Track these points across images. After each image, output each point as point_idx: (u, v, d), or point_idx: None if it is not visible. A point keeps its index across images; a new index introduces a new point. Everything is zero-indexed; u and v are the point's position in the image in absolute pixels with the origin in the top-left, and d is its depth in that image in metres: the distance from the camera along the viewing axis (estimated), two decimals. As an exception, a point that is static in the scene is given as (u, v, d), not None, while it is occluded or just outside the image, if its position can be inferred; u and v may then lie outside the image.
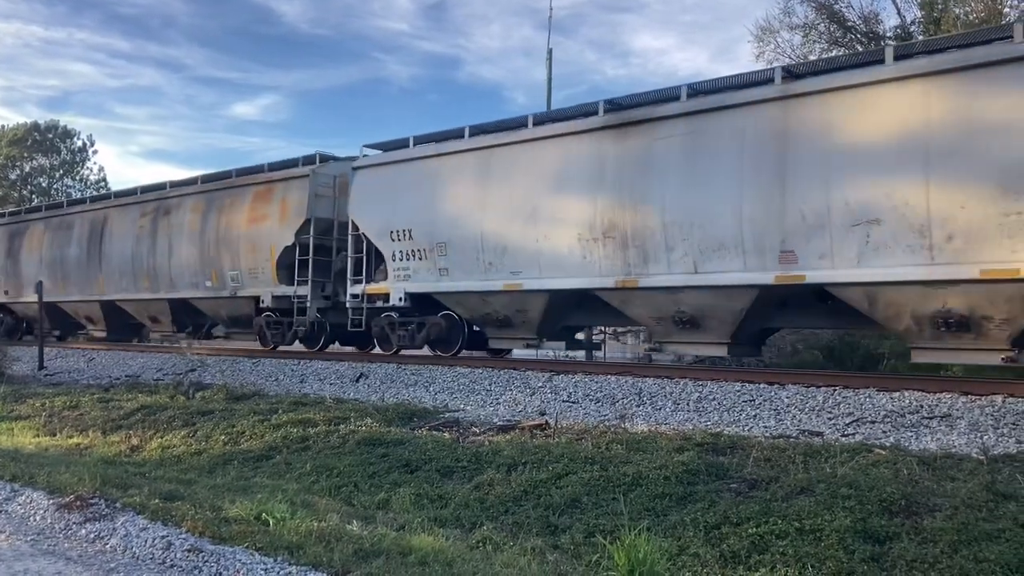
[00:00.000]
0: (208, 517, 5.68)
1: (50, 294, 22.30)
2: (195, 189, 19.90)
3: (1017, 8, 21.25)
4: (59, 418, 11.97)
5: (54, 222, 24.41)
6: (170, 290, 20.00)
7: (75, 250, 23.03)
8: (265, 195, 17.83)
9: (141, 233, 20.80)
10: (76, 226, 23.25)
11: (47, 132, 50.48)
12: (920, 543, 4.91)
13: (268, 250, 17.43)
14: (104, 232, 22.14)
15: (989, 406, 8.36)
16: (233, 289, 18.31)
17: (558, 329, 14.00)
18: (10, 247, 25.73)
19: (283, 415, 10.22)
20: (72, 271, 23.06)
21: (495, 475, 7.05)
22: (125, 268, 21.25)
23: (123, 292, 21.36)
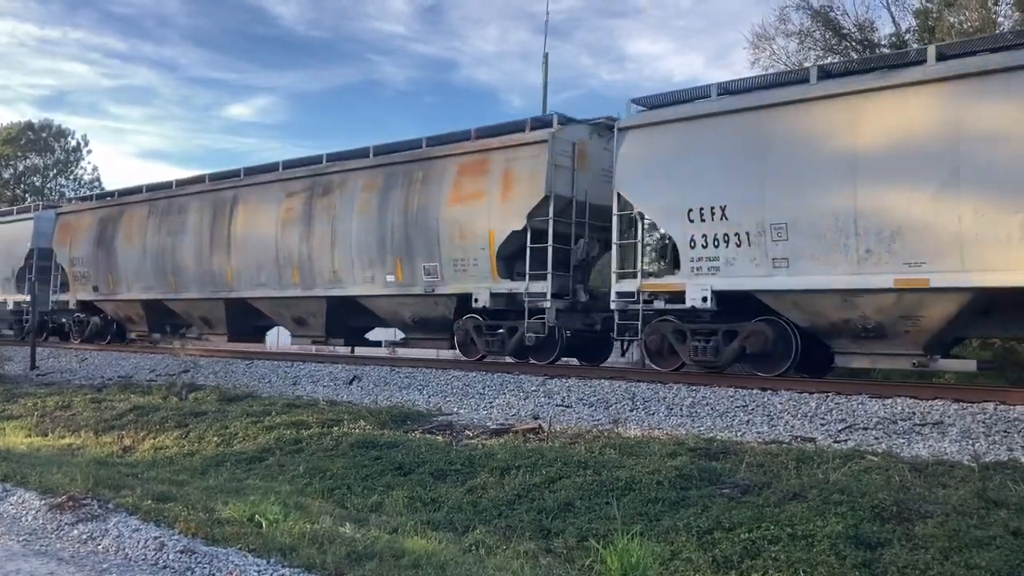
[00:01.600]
0: (201, 518, 5.67)
1: (153, 290, 20.17)
2: (367, 163, 16.14)
3: (1010, 17, 21.36)
4: (51, 418, 11.94)
5: (161, 205, 20.41)
6: (330, 286, 16.26)
7: (192, 238, 19.15)
8: (477, 168, 14.21)
9: (288, 217, 16.98)
10: (192, 209, 19.35)
11: (41, 131, 50.31)
12: (911, 549, 4.93)
13: (485, 237, 13.89)
14: (233, 216, 18.29)
15: (981, 413, 8.40)
16: (428, 285, 14.69)
17: (948, 341, 10.97)
18: (101, 235, 21.88)
19: (276, 417, 10.21)
20: (187, 263, 19.29)
21: (488, 478, 7.05)
22: (264, 259, 17.41)
23: (259, 288, 17.60)
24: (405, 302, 15.37)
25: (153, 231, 20.33)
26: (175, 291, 19.73)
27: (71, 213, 23.96)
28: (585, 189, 13.56)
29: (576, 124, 13.93)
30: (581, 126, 13.93)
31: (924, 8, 23.14)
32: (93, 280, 22.18)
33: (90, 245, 22.22)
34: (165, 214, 20.16)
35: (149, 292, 20.22)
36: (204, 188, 19.51)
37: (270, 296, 17.56)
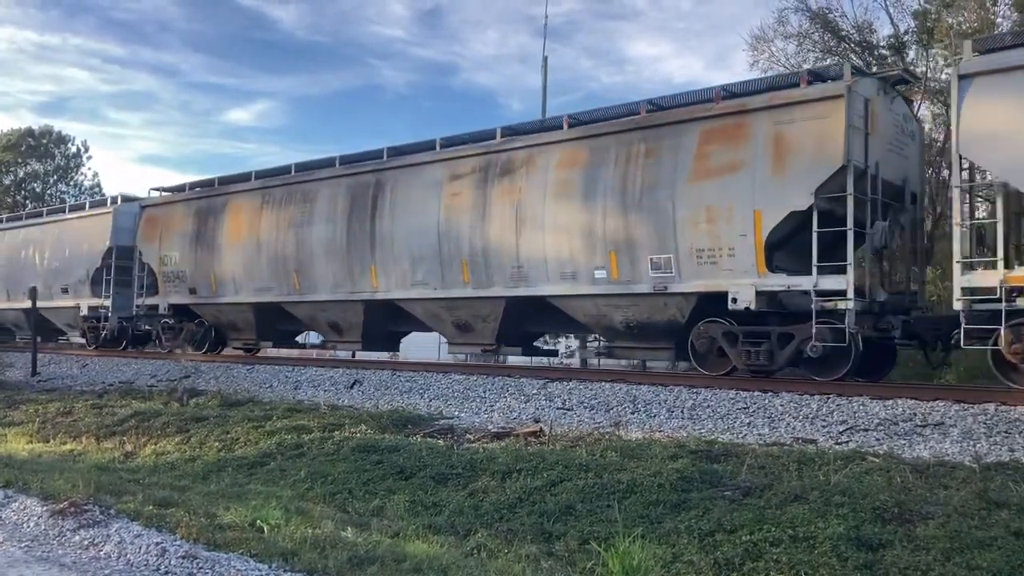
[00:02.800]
0: (202, 523, 5.67)
1: (268, 292, 17.51)
2: (563, 136, 13.54)
3: (1009, 18, 21.38)
4: (52, 424, 11.94)
5: (278, 193, 17.55)
6: (514, 285, 13.69)
7: (322, 231, 16.48)
8: (731, 133, 11.60)
9: (454, 203, 14.47)
10: (322, 197, 16.63)
11: (41, 137, 50.30)
12: (913, 551, 4.92)
13: (747, 220, 11.25)
14: (378, 204, 15.63)
15: (982, 414, 8.40)
16: (658, 282, 12.12)
17: None
18: (200, 230, 19.09)
19: (277, 421, 10.22)
20: (316, 260, 16.59)
21: (490, 482, 7.05)
22: (422, 254, 14.85)
23: (414, 288, 15.07)
24: (618, 303, 12.63)
25: (269, 224, 17.40)
26: (299, 293, 16.91)
27: (160, 205, 20.91)
28: (876, 160, 11.12)
29: (865, 78, 11.56)
30: (869, 81, 11.54)
31: (923, 9, 23.16)
32: (190, 281, 19.26)
33: (185, 241, 19.38)
34: (284, 203, 17.25)
35: (263, 294, 17.54)
36: (337, 173, 16.69)
37: (429, 298, 14.87)
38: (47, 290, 23.17)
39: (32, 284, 22.75)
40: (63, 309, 23.40)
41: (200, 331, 19.78)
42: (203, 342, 19.80)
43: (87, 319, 22.44)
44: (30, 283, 23.04)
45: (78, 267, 22.62)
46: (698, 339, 11.92)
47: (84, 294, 22.35)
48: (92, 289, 22.01)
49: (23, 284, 23.85)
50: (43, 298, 22.63)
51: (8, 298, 25.32)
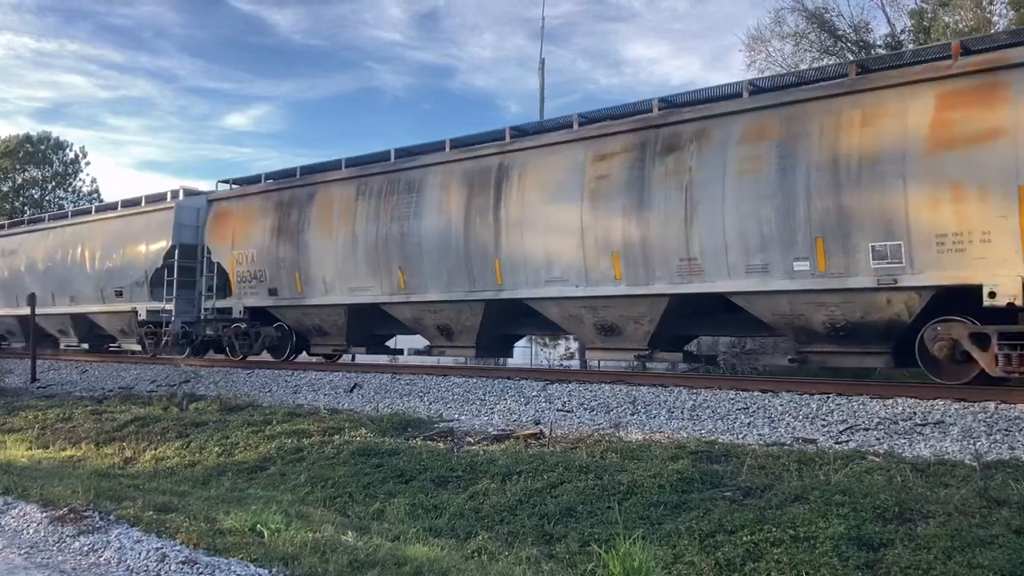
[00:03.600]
0: (203, 529, 5.67)
1: (366, 292, 15.59)
2: (741, 105, 11.50)
3: (1005, 16, 21.41)
4: (52, 430, 11.93)
5: (377, 182, 15.66)
6: (682, 280, 11.67)
7: (432, 223, 14.53)
8: (980, 95, 9.69)
9: (601, 187, 12.41)
10: (431, 186, 14.75)
11: (39, 144, 50.36)
12: (914, 550, 4.92)
13: (1008, 198, 9.38)
14: (502, 190, 13.64)
15: (982, 412, 8.39)
16: (883, 275, 10.22)
17: None
18: (281, 224, 17.16)
19: (277, 426, 10.21)
20: (426, 256, 14.68)
21: (490, 484, 7.05)
22: (560, 247, 12.95)
23: (549, 286, 13.07)
24: (823, 300, 10.79)
25: (367, 216, 15.58)
26: (404, 293, 14.99)
27: (232, 199, 18.97)
28: None
29: None
30: None
31: (919, 8, 23.22)
32: (269, 281, 17.32)
33: (264, 238, 17.45)
34: (385, 193, 15.43)
35: (360, 295, 15.67)
36: (448, 158, 14.84)
37: (568, 296, 12.94)
38: (97, 293, 21.58)
39: (80, 286, 21.82)
40: (116, 314, 21.36)
41: (280, 336, 17.86)
42: (282, 348, 17.97)
43: (145, 324, 20.30)
44: (78, 286, 22.02)
45: (135, 268, 20.46)
46: (934, 341, 10.08)
47: (142, 297, 20.21)
48: (151, 292, 19.86)
49: (70, 287, 22.52)
50: (93, 301, 21.70)
51: (53, 302, 23.34)
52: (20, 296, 23.96)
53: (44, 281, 23.46)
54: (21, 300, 23.69)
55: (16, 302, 24.51)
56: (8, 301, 25.12)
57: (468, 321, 14.47)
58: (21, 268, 24.70)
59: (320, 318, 16.85)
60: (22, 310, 23.59)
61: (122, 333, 21.98)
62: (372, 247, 15.47)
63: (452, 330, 14.77)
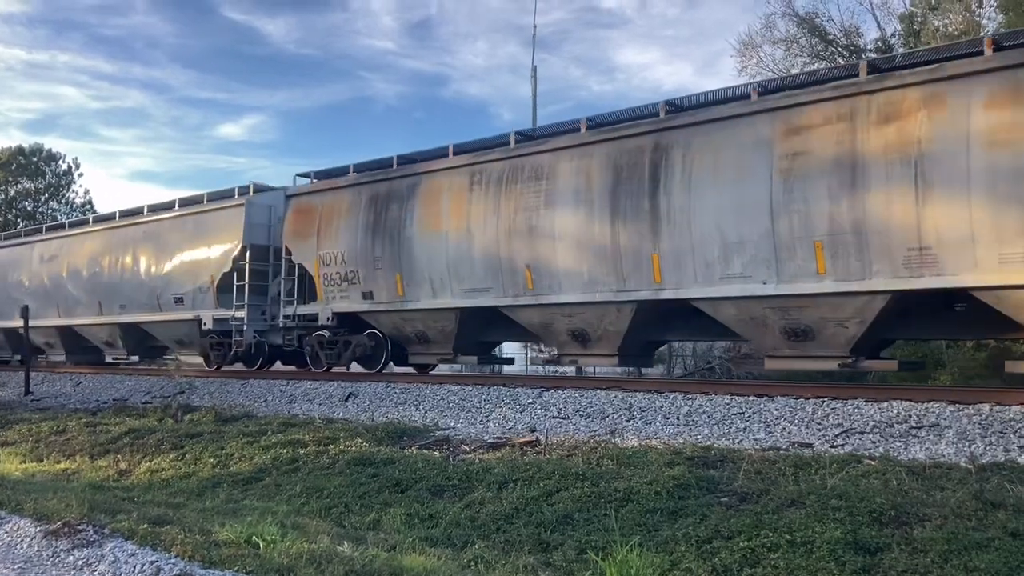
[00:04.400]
0: (198, 541, 5.64)
1: (485, 294, 13.78)
2: (983, 64, 9.63)
3: (994, 20, 21.52)
4: (46, 443, 11.88)
5: (495, 170, 13.86)
6: (911, 272, 9.88)
7: (569, 213, 12.74)
8: None
9: (798, 166, 10.65)
10: (565, 172, 12.89)
11: (32, 156, 50.20)
12: (911, 553, 4.92)
13: None
14: (661, 174, 11.83)
15: (977, 415, 8.40)
16: None
17: None
18: (378, 220, 15.36)
19: (272, 436, 10.19)
20: (561, 252, 12.85)
21: (486, 493, 7.03)
22: (742, 236, 11.07)
23: (723, 283, 11.27)
24: None
25: (484, 208, 13.78)
26: (532, 294, 13.24)
27: (315, 194, 16.96)
28: None
29: None
30: None
31: (909, 13, 23.33)
32: (363, 284, 15.58)
33: (356, 235, 15.66)
34: (507, 182, 13.62)
35: (476, 297, 13.96)
36: (585, 139, 12.95)
37: (752, 295, 11.07)
38: (152, 301, 19.69)
39: (133, 294, 20.14)
40: (175, 323, 19.47)
41: (374, 345, 15.96)
42: (375, 358, 16.09)
43: (208, 334, 18.55)
44: (130, 293, 20.31)
45: (199, 273, 18.52)
46: None
47: (207, 304, 18.31)
48: (218, 299, 18.02)
49: (120, 294, 20.67)
50: (147, 310, 19.87)
51: (100, 311, 21.37)
52: (62, 305, 22.61)
53: (89, 288, 21.73)
54: (64, 309, 22.54)
55: (58, 311, 22.84)
56: (48, 310, 23.00)
57: (611, 325, 12.65)
58: (63, 275, 22.69)
59: (424, 324, 15.02)
60: (64, 320, 22.58)
61: (180, 344, 20.41)
62: (491, 243, 13.66)
63: (588, 336, 13.01)
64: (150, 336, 21.04)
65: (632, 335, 12.62)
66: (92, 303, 21.58)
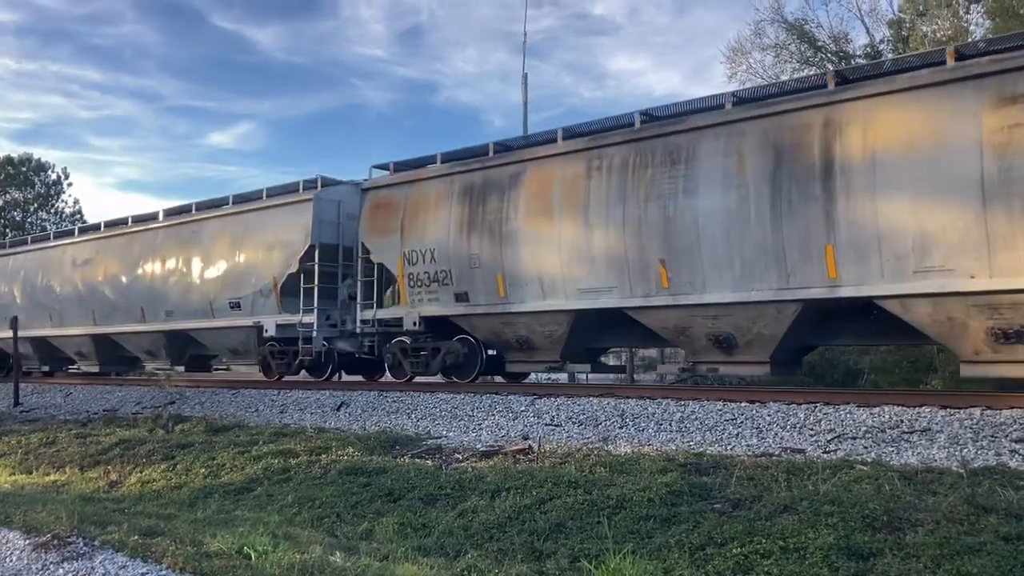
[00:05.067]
0: (189, 552, 5.61)
1: (607, 295, 12.32)
2: None
3: (981, 25, 21.67)
4: (35, 455, 11.81)
5: (619, 154, 12.30)
6: None
7: (717, 200, 11.28)
8: None
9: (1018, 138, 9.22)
10: (708, 153, 11.41)
11: (20, 165, 50.05)
12: (903, 558, 4.92)
13: None
14: (836, 154, 10.43)
15: (968, 419, 8.43)
16: None
17: None
18: (473, 213, 13.89)
19: (264, 446, 10.14)
20: (705, 244, 11.33)
21: (479, 501, 7.01)
22: (944, 223, 9.67)
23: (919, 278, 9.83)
24: None
25: (605, 198, 12.29)
26: (667, 292, 11.67)
27: (398, 186, 15.33)
28: None
29: None
30: None
31: (897, 19, 23.48)
32: (456, 284, 14.10)
33: (448, 231, 14.19)
34: (634, 167, 12.08)
35: (595, 298, 12.45)
36: (734, 116, 11.44)
37: (956, 291, 9.60)
38: (204, 307, 18.15)
39: (181, 299, 18.68)
40: (229, 330, 17.89)
41: (466, 352, 14.49)
42: (468, 367, 14.63)
43: (269, 342, 17.13)
44: (178, 299, 18.74)
45: (260, 275, 16.93)
46: None
47: (269, 310, 16.80)
48: (281, 303, 16.54)
49: (165, 300, 19.11)
50: (197, 316, 18.39)
51: (142, 318, 19.81)
52: (98, 312, 21.01)
53: (130, 294, 20.10)
54: (100, 316, 20.98)
55: (93, 318, 21.21)
56: (82, 317, 21.52)
57: (766, 328, 11.11)
58: (99, 279, 21.06)
59: (529, 328, 13.52)
60: (100, 327, 21.07)
61: (233, 353, 18.73)
62: (616, 237, 12.12)
63: (735, 341, 11.41)
64: (198, 344, 19.53)
65: (788, 340, 11.12)
66: (133, 309, 20.00)
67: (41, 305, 22.70)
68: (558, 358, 13.51)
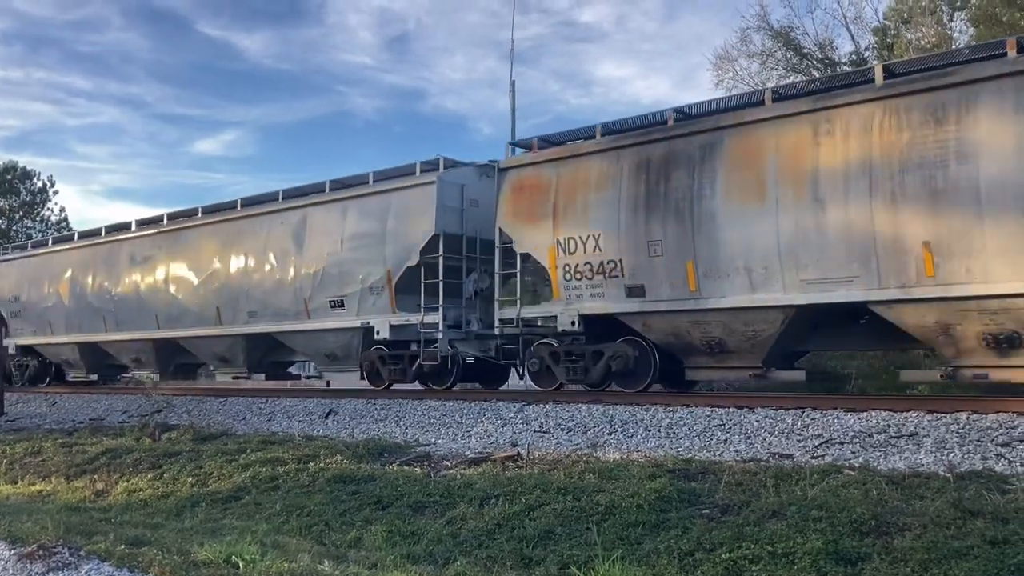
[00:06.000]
0: (176, 562, 5.58)
1: (833, 287, 10.50)
2: None
3: (965, 32, 21.87)
4: (20, 465, 11.73)
5: (856, 117, 10.39)
6: None
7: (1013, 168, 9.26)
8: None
9: None
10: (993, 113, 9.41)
11: (6, 173, 49.73)
12: (891, 563, 4.94)
13: None
14: None
15: (954, 423, 8.47)
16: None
17: None
18: (648, 191, 12.00)
19: (251, 454, 10.10)
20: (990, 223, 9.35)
21: (468, 509, 7.00)
22: None
23: None
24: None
25: (844, 168, 10.34)
26: (935, 281, 9.72)
27: (544, 164, 13.24)
28: None
29: None
30: None
31: (882, 26, 23.66)
32: (629, 276, 12.14)
33: (617, 213, 12.22)
34: (881, 130, 10.12)
35: (829, 289, 10.55)
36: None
37: None
38: (297, 306, 16.08)
39: (268, 298, 16.59)
40: (329, 332, 15.81)
41: (637, 356, 12.46)
42: (639, 374, 12.55)
43: (378, 345, 15.15)
44: (264, 298, 16.70)
45: (369, 270, 14.97)
46: None
47: (379, 308, 14.81)
48: (397, 300, 14.59)
49: (248, 299, 17.02)
50: (288, 318, 16.35)
51: (218, 320, 17.58)
52: (162, 314, 18.78)
53: (204, 294, 17.93)
54: (165, 319, 18.77)
55: (156, 322, 18.91)
56: (141, 321, 19.34)
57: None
58: (163, 278, 18.92)
59: (727, 328, 11.49)
60: (165, 331, 18.81)
61: (330, 359, 16.35)
62: (859, 214, 10.23)
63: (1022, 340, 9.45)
64: (283, 350, 17.54)
65: None
66: (207, 312, 17.80)
67: (92, 307, 20.66)
68: (759, 364, 11.48)
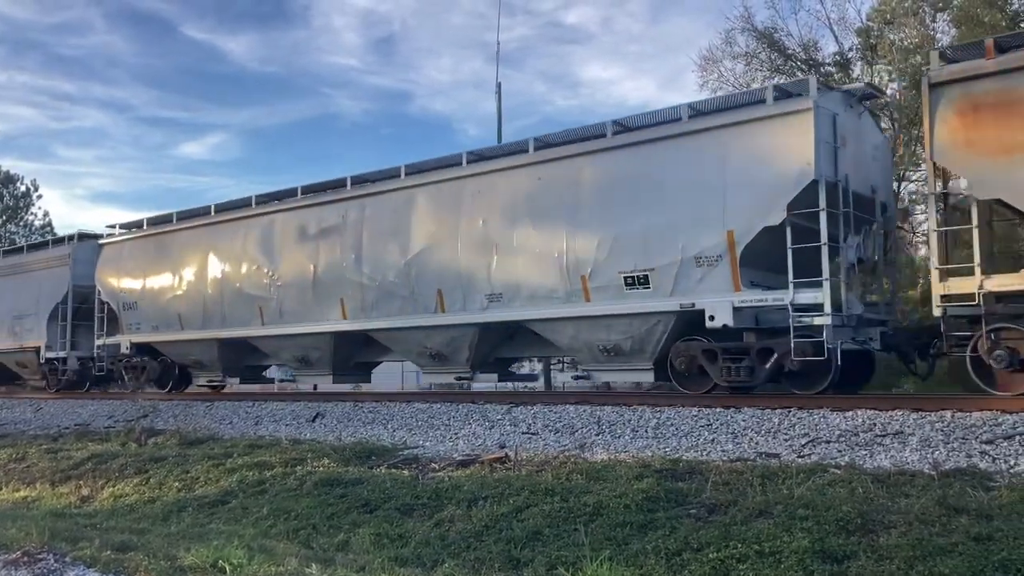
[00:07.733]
0: (163, 567, 5.55)
1: None
2: None
3: (948, 33, 22.02)
4: (5, 471, 11.65)
5: None
6: None
7: None
8: None
9: None
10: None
11: (-11, 178, 49.40)
12: (877, 560, 4.97)
13: None
14: None
15: (939, 422, 8.52)
16: None
17: None
18: None
19: (238, 458, 10.06)
20: None
21: (456, 511, 6.99)
22: None
23: None
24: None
25: None
26: None
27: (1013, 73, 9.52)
28: None
29: None
30: None
31: (866, 27, 23.77)
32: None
33: None
34: None
35: None
36: None
37: None
38: (564, 286, 12.55)
39: (520, 277, 12.94)
40: (620, 319, 12.10)
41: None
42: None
43: (699, 336, 11.63)
44: (511, 276, 13.08)
45: (696, 233, 11.36)
46: None
47: (712, 285, 11.27)
48: (742, 275, 11.08)
49: (487, 281, 13.40)
50: (550, 302, 12.70)
51: (439, 307, 14.03)
52: (349, 302, 15.13)
53: (416, 275, 14.24)
54: (353, 307, 15.11)
55: (342, 311, 15.30)
56: (320, 310, 15.70)
57: None
58: (349, 255, 15.17)
59: None
60: (355, 323, 15.22)
61: (613, 354, 12.30)
62: None
63: None
64: (536, 343, 13.96)
65: None
66: (423, 296, 14.20)
67: (241, 295, 16.93)
68: None
